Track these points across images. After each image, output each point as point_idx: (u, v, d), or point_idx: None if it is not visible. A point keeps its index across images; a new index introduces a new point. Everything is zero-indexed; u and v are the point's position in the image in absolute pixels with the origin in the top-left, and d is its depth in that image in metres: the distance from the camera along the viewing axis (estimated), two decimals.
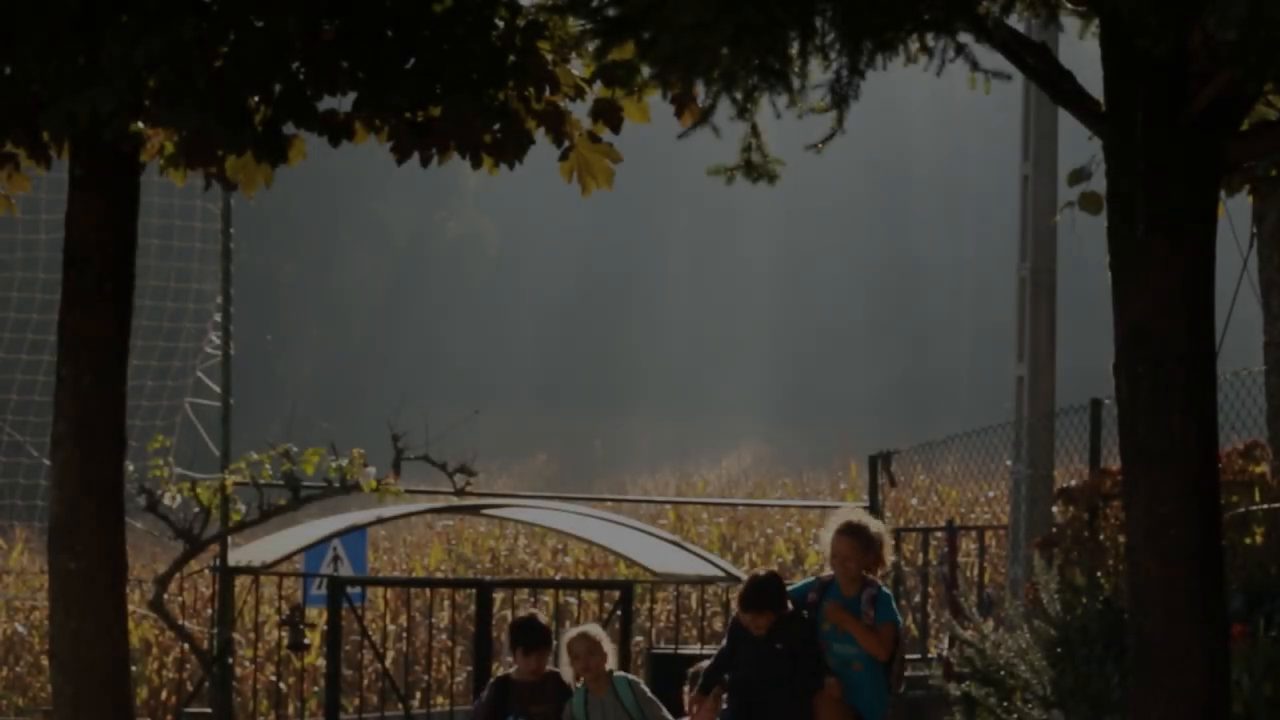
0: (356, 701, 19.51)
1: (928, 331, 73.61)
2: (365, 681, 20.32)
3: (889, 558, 10.63)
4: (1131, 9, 6.34)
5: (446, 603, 19.41)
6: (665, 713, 10.74)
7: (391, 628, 19.74)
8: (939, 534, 17.19)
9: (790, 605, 10.37)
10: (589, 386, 67.52)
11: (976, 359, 70.65)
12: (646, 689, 10.89)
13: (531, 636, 11.13)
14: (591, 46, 7.47)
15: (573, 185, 9.72)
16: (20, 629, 21.75)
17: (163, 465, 14.35)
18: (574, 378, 69.35)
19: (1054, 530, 12.86)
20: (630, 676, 11.03)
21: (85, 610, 9.32)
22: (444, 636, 18.70)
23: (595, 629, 11.06)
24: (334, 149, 9.45)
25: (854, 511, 10.74)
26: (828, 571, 10.52)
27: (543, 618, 11.62)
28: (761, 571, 10.71)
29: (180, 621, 15.64)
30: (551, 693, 11.09)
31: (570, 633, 11.11)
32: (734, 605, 10.79)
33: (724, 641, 10.64)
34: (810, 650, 10.31)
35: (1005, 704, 11.85)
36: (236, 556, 15.71)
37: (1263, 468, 11.76)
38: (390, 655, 19.25)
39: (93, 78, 7.98)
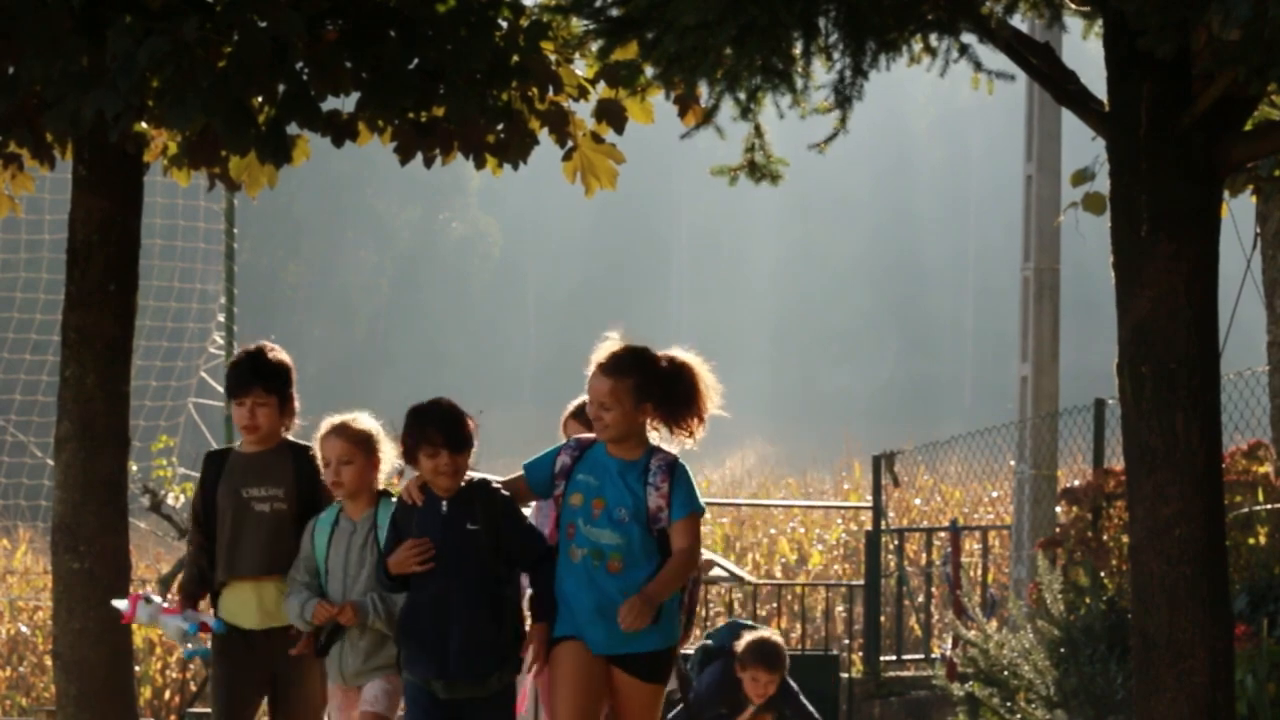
0: None
1: (931, 332, 73.65)
2: None
3: (711, 404, 7.40)
4: (1135, 9, 6.34)
5: None
6: None
7: None
8: (942, 534, 17.20)
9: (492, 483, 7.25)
10: None
11: (980, 359, 70.71)
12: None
13: (231, 374, 7.88)
14: (595, 47, 7.47)
15: (576, 185, 9.73)
16: (24, 629, 21.74)
17: (166, 465, 14.36)
18: (577, 377, 69.22)
19: (1057, 530, 12.86)
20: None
21: (88, 610, 9.33)
22: None
23: (363, 419, 7.57)
24: (337, 149, 9.46)
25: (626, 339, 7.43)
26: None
27: (278, 353, 7.93)
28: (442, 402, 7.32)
29: None
30: (277, 472, 7.71)
31: (325, 425, 7.57)
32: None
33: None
34: (522, 537, 7.23)
35: (1009, 704, 11.84)
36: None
37: (1266, 468, 11.76)
38: None
39: (97, 78, 7.99)
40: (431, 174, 10.22)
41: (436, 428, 7.15)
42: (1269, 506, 11.35)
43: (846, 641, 17.84)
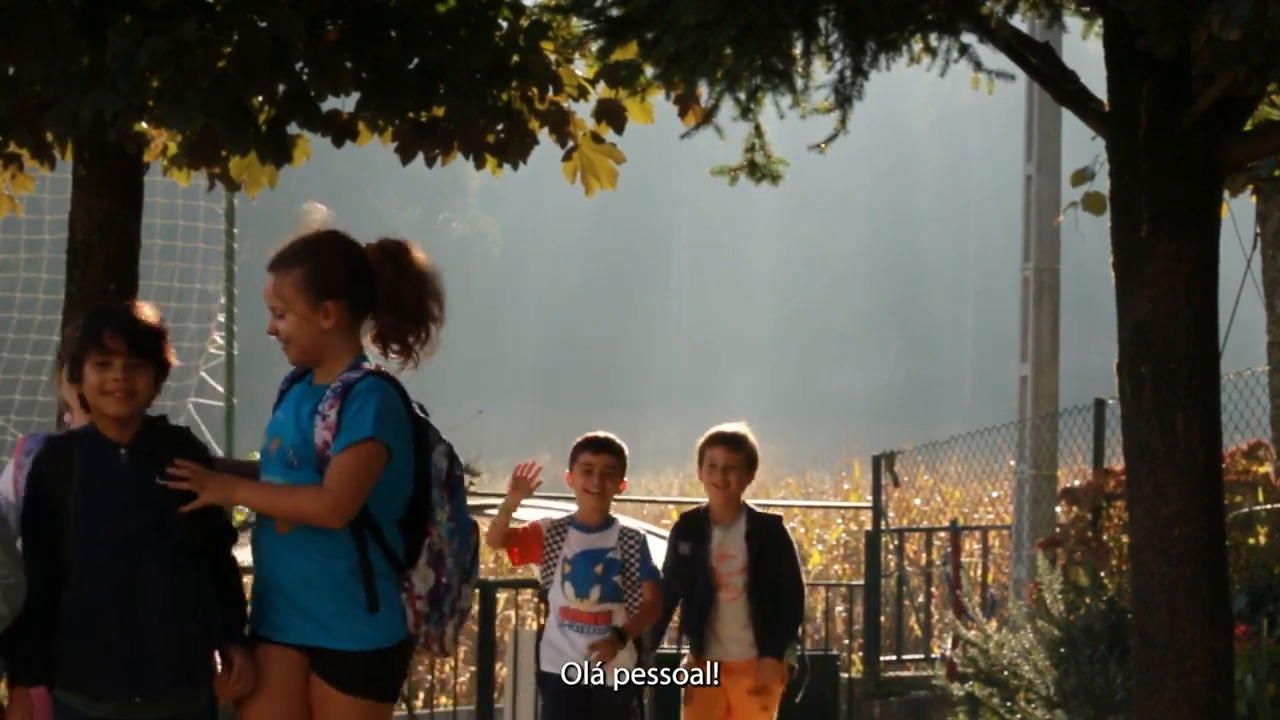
0: None
1: (931, 332, 73.68)
2: None
3: (437, 316, 5.60)
4: (1135, 9, 6.33)
5: None
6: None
7: None
8: (942, 534, 17.20)
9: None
10: (592, 386, 67.58)
11: (980, 359, 70.72)
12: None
13: None
14: (595, 46, 7.46)
15: (576, 185, 9.72)
16: None
17: None
18: (577, 377, 69.42)
19: (1057, 530, 12.86)
20: None
21: None
22: None
23: None
24: (337, 149, 9.45)
25: (315, 209, 5.82)
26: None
27: None
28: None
29: None
30: None
31: None
32: None
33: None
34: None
35: (1009, 704, 11.84)
36: (241, 557, 15.70)
37: (1266, 468, 11.76)
38: None
39: (97, 78, 7.98)
40: (431, 174, 10.23)
41: (116, 327, 5.26)
42: (1269, 506, 11.35)
43: (846, 641, 17.82)
